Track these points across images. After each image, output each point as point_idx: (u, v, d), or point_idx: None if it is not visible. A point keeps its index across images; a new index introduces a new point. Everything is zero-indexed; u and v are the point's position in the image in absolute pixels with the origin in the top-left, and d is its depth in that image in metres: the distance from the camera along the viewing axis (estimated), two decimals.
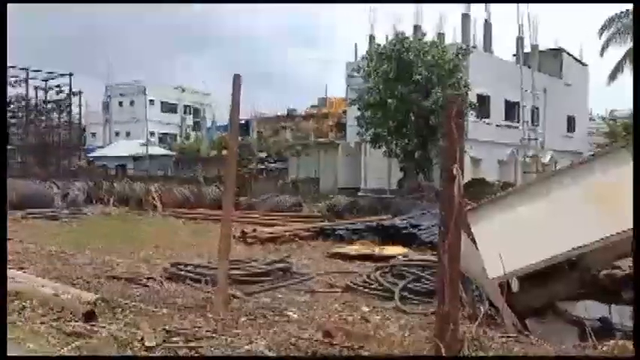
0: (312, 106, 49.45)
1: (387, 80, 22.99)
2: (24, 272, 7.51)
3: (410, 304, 6.54)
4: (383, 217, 16.40)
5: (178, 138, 59.15)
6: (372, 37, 32.85)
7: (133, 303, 5.92)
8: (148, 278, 7.74)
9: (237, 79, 5.94)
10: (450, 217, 3.36)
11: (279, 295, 7.09)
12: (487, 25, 34.32)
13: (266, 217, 18.04)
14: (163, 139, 59.08)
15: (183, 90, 65.18)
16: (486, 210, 5.63)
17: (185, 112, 65.15)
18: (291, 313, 5.84)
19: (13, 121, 34.81)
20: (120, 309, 5.37)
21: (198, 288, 6.87)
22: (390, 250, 10.79)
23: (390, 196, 25.21)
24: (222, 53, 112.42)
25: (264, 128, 48.18)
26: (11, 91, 35.07)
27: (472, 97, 25.23)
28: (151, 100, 61.46)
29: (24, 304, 5.46)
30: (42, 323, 4.88)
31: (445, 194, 3.42)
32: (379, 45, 25.22)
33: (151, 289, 7.05)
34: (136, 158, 45.45)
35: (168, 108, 63.79)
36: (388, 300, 6.78)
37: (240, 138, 37.73)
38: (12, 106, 34.17)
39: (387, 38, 26.64)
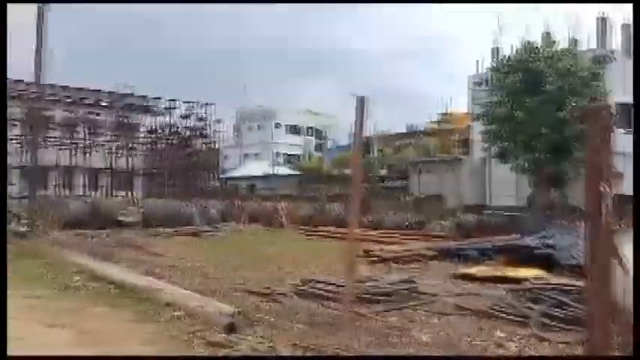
0: (433, 122, 48.59)
1: (514, 92, 21.92)
2: (173, 285, 8.24)
3: (549, 332, 6.10)
4: (513, 236, 15.52)
5: (302, 158, 61.37)
6: (497, 49, 31.66)
7: (268, 317, 6.25)
8: (280, 294, 8.09)
9: (361, 101, 6.09)
10: (597, 238, 3.12)
11: (406, 316, 7.01)
12: (625, 28, 31.44)
13: (388, 236, 17.97)
14: (289, 159, 61.72)
15: (309, 112, 67.83)
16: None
17: (309, 134, 67.70)
18: (420, 335, 5.75)
19: (161, 147, 38.73)
20: (256, 322, 5.67)
21: (328, 305, 7.03)
22: (523, 272, 10.14)
23: (520, 213, 23.83)
24: (340, 74, 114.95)
25: (385, 145, 48.25)
26: (160, 120, 39.07)
27: (612, 106, 23.08)
28: (277, 124, 64.79)
29: (176, 314, 5.99)
30: (190, 333, 5.31)
31: (591, 213, 3.18)
32: (505, 56, 24.22)
33: (283, 304, 7.36)
34: (264, 178, 47.91)
35: (294, 130, 66.80)
36: (523, 326, 6.38)
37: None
38: (160, 133, 38.03)
39: (512, 48, 25.49)
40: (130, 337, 5.78)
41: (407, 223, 20.92)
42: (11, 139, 32.44)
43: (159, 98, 40.61)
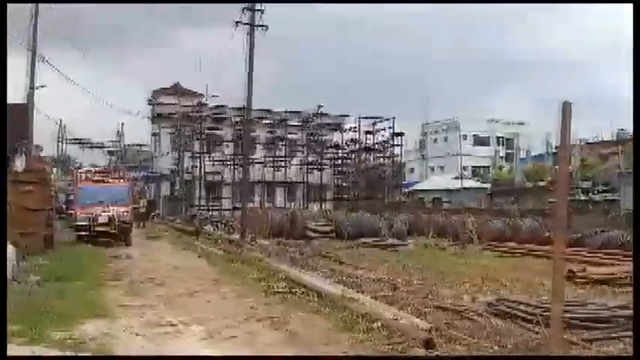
0: None
1: None
2: (366, 296, 8.57)
3: None
4: None
5: (491, 170, 58.63)
6: None
7: (462, 335, 6.14)
8: (473, 311, 7.87)
9: (567, 107, 5.65)
10: None
11: (627, 348, 6.25)
12: None
13: (595, 255, 16.20)
14: (476, 171, 59.47)
15: (495, 122, 64.70)
16: None
17: (498, 144, 64.41)
18: None
19: (348, 161, 40.67)
20: (452, 341, 5.62)
21: (528, 328, 6.64)
22: None
23: None
24: (525, 81, 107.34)
25: (588, 155, 43.58)
26: (347, 136, 41.10)
27: None
28: (463, 135, 62.96)
29: (371, 325, 6.25)
30: (388, 345, 5.49)
31: None
32: None
33: (477, 323, 7.15)
34: (450, 191, 46.89)
35: (480, 141, 64.15)
36: None
37: (555, 167, 35.16)
38: (347, 148, 39.97)
39: None
40: (331, 343, 6.19)
41: (620, 242, 18.51)
42: (225, 159, 36.97)
43: (346, 116, 42.62)
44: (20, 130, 21.80)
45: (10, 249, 10.20)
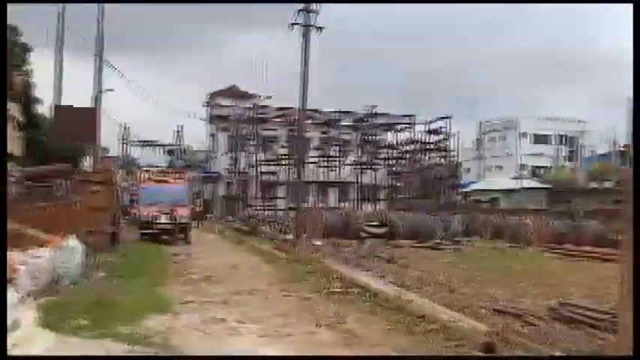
0: None
1: None
2: (421, 297, 8.49)
3: None
4: None
5: (551, 169, 56.49)
6: None
7: (524, 340, 5.96)
8: (534, 316, 7.63)
9: None
10: None
11: None
12: None
13: None
14: (536, 171, 57.47)
15: (556, 120, 62.25)
16: None
17: (559, 143, 61.95)
18: None
19: (403, 161, 40.31)
20: (514, 345, 5.47)
21: (594, 334, 6.38)
22: None
23: None
24: (586, 79, 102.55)
25: None
26: (401, 136, 40.77)
27: None
28: (522, 134, 60.93)
29: (429, 327, 6.19)
30: (447, 348, 5.42)
31: None
32: None
33: (538, 328, 6.94)
34: (508, 191, 45.55)
35: (540, 140, 61.85)
36: None
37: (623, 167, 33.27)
38: (401, 148, 39.61)
39: None
40: (389, 344, 6.17)
41: None
42: (280, 159, 37.53)
43: (407, 116, 42.15)
44: (88, 132, 22.92)
45: (79, 247, 10.75)
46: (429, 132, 39.93)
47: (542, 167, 58.64)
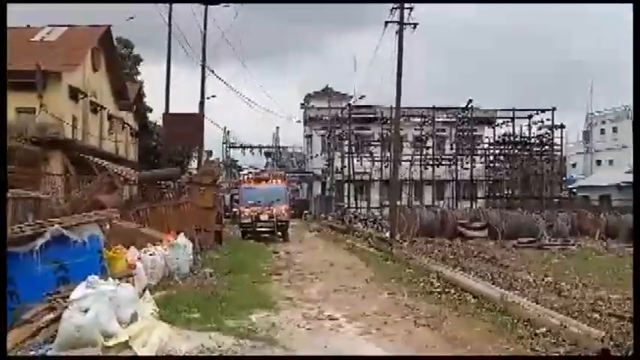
0: None
1: None
2: (527, 299, 8.11)
3: None
4: None
5: None
6: None
7: None
8: None
9: None
10: None
11: None
12: None
13: None
14: None
15: None
16: None
17: None
18: None
19: (503, 157, 38.54)
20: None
21: None
22: None
23: None
24: None
25: None
26: (501, 130, 38.96)
27: None
28: None
29: (535, 330, 5.90)
30: (557, 354, 5.14)
31: None
32: None
33: None
34: (621, 187, 42.06)
35: None
36: None
37: None
38: (501, 143, 37.86)
39: None
40: (493, 347, 5.98)
41: None
42: (374, 158, 37.53)
43: (499, 110, 40.43)
44: (195, 137, 24.37)
45: (189, 244, 11.48)
46: (530, 125, 37.89)
47: None
